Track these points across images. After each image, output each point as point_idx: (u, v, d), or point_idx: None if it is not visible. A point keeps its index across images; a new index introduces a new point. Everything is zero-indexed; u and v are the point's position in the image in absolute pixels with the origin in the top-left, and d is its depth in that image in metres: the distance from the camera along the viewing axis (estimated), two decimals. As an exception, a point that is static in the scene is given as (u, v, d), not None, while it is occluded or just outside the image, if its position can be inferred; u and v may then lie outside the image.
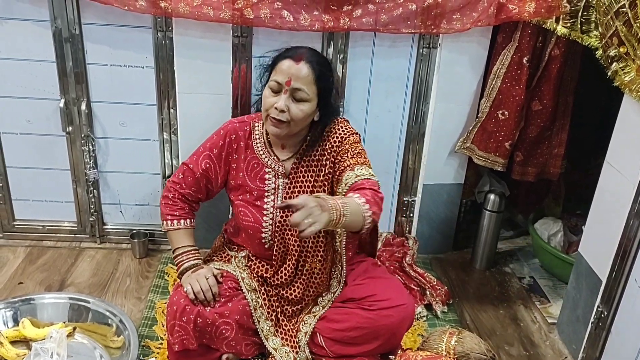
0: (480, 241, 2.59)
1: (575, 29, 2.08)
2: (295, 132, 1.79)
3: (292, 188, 1.87)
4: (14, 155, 2.43)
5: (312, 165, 1.85)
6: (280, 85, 1.72)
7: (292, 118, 1.72)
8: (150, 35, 2.22)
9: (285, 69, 1.72)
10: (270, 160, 1.87)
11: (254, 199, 1.87)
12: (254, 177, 1.88)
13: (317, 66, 1.73)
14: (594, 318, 1.94)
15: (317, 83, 1.73)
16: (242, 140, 1.88)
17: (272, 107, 1.72)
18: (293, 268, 1.89)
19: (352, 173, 1.73)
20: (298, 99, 1.72)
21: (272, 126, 1.75)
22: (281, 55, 1.77)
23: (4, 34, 2.20)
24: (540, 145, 2.44)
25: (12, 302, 2.04)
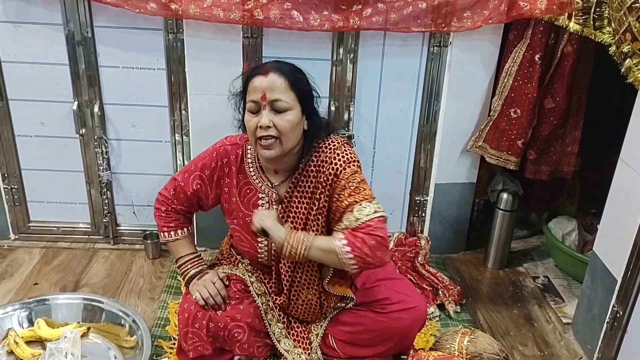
0: (494, 241, 2.57)
1: (588, 25, 2.05)
2: (288, 148, 1.67)
3: (285, 216, 1.77)
4: (29, 158, 2.46)
5: (307, 195, 1.74)
6: (257, 103, 1.63)
7: (280, 132, 1.62)
8: (162, 37, 2.23)
9: (257, 85, 1.63)
10: (264, 186, 1.78)
11: (248, 224, 1.75)
12: (247, 203, 1.80)
13: (287, 73, 1.65)
14: (610, 317, 1.92)
15: (292, 88, 1.64)
16: (233, 164, 1.80)
17: (257, 128, 1.63)
18: (288, 295, 1.84)
19: (351, 216, 1.63)
20: (279, 110, 1.62)
21: (264, 149, 1.65)
22: (249, 75, 1.68)
23: (18, 38, 2.23)
24: (553, 143, 2.42)
25: (27, 302, 2.07)
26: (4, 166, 2.45)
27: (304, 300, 1.84)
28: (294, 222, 1.77)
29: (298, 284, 1.82)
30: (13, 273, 2.37)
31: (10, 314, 2.02)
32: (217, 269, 1.93)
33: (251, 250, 1.83)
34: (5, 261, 2.45)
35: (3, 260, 2.45)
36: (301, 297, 1.84)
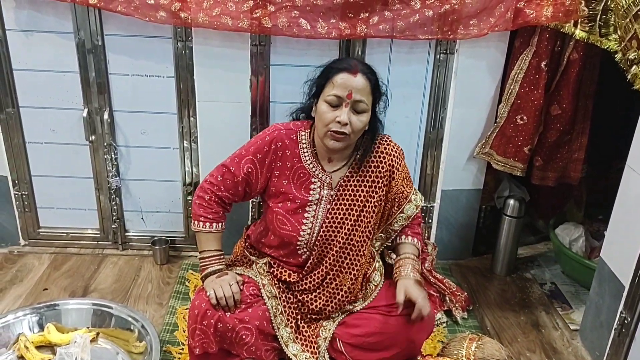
0: (501, 247, 2.57)
1: (594, 32, 2.06)
2: (352, 143, 1.81)
3: (338, 201, 1.85)
4: (39, 164, 2.48)
5: (366, 185, 1.86)
6: (340, 99, 1.71)
7: (353, 130, 1.73)
8: (171, 45, 2.26)
9: (344, 82, 1.71)
10: (317, 171, 1.85)
11: (296, 207, 1.85)
12: (299, 185, 1.85)
13: (371, 77, 1.76)
14: (617, 324, 1.92)
15: (373, 93, 1.76)
16: (288, 148, 1.84)
17: (333, 122, 1.71)
18: (321, 279, 1.89)
19: (412, 205, 1.92)
20: (359, 110, 1.73)
21: (333, 140, 1.74)
22: (335, 69, 1.75)
23: (29, 46, 2.26)
24: (559, 149, 2.42)
25: (38, 307, 2.08)
26: (14, 172, 2.47)
27: (337, 285, 1.88)
28: (348, 210, 1.86)
29: (339, 269, 1.87)
30: (23, 278, 2.39)
31: (20, 318, 2.03)
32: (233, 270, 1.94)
33: (293, 234, 1.85)
34: (15, 267, 2.47)
35: (13, 266, 2.48)
36: (335, 281, 1.88)
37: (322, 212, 1.86)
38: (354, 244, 1.86)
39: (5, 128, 2.39)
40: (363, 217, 1.86)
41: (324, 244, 1.86)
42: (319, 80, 1.79)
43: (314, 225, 1.86)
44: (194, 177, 2.48)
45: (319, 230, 1.86)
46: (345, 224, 1.85)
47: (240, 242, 2.10)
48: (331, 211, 1.85)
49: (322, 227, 1.85)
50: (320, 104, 1.76)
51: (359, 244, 1.87)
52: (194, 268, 2.49)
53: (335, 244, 1.86)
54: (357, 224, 1.85)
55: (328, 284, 1.89)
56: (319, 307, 1.91)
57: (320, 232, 1.85)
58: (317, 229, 1.86)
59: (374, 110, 1.82)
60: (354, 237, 1.86)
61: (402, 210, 1.91)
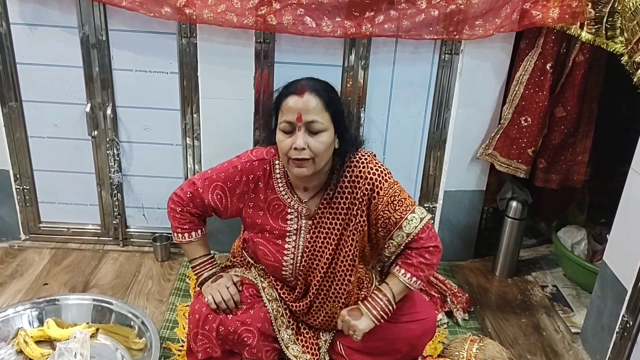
0: (502, 249, 2.57)
1: (600, 34, 2.06)
2: (320, 167, 1.66)
3: (316, 231, 1.77)
4: (41, 159, 2.48)
5: (342, 212, 1.74)
6: (292, 124, 1.60)
7: (314, 153, 1.61)
8: (175, 41, 2.25)
9: (292, 105, 1.59)
10: (293, 202, 1.76)
11: (275, 237, 1.79)
12: (275, 216, 1.78)
13: (322, 92, 1.62)
14: (619, 327, 1.91)
15: (327, 109, 1.62)
16: (261, 180, 1.76)
17: (290, 149, 1.60)
18: (309, 306, 1.85)
19: (402, 233, 1.71)
20: (314, 131, 1.60)
21: (297, 167, 1.63)
22: (282, 95, 1.64)
23: (33, 40, 2.26)
24: (563, 152, 2.42)
25: (38, 302, 2.08)
26: (16, 166, 2.47)
27: (327, 312, 1.84)
28: (326, 239, 1.76)
29: (324, 297, 1.82)
30: (23, 273, 2.38)
31: (20, 313, 2.03)
32: (230, 272, 1.93)
33: (275, 264, 1.81)
34: (15, 261, 2.47)
35: (13, 260, 2.47)
36: (325, 309, 1.84)
37: (302, 242, 1.79)
38: (336, 272, 1.78)
39: (8, 122, 2.39)
40: (342, 245, 1.75)
41: (307, 272, 1.81)
42: (273, 110, 1.69)
43: (295, 255, 1.80)
44: (196, 174, 2.46)
45: (301, 260, 1.80)
46: (325, 252, 1.77)
47: (238, 242, 2.06)
48: (310, 240, 1.77)
49: (304, 256, 1.79)
50: (277, 133, 1.65)
51: (343, 272, 1.77)
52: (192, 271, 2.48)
53: (317, 273, 1.79)
54: (337, 253, 1.76)
55: (318, 309, 1.85)
56: (316, 325, 1.90)
57: (302, 262, 1.80)
58: (299, 259, 1.80)
59: (341, 129, 1.67)
60: (336, 265, 1.77)
61: (391, 236, 1.74)
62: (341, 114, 1.67)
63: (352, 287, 1.80)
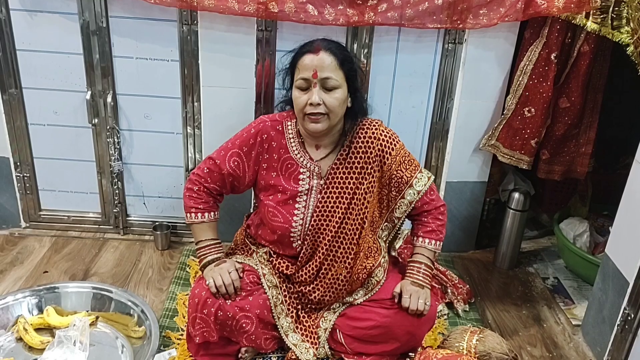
0: (504, 240, 2.56)
1: (606, 24, 2.03)
2: (334, 124, 1.76)
3: (328, 190, 1.83)
4: (42, 146, 2.47)
5: (355, 171, 1.82)
6: (307, 80, 1.71)
7: (329, 109, 1.71)
8: (176, 28, 2.23)
9: (308, 63, 1.71)
10: (306, 160, 1.83)
11: (286, 198, 1.83)
12: (288, 177, 1.84)
13: (337, 51, 1.73)
14: (620, 320, 1.90)
15: (342, 67, 1.73)
16: (274, 140, 1.84)
17: (306, 105, 1.71)
18: (316, 270, 1.87)
19: (413, 191, 1.86)
20: (329, 87, 1.71)
21: (312, 123, 1.73)
22: (298, 53, 1.75)
23: (33, 27, 2.24)
24: (567, 143, 2.40)
25: (37, 290, 2.08)
26: (16, 154, 2.46)
27: (333, 275, 1.86)
28: (338, 198, 1.82)
29: (332, 259, 1.85)
30: (23, 260, 2.38)
31: (20, 300, 2.03)
32: (232, 258, 1.94)
33: (285, 225, 1.84)
34: (15, 249, 2.47)
35: (14, 248, 2.47)
36: (331, 271, 1.86)
37: (312, 202, 1.84)
38: (346, 232, 1.84)
39: (8, 109, 2.38)
40: (354, 204, 1.82)
41: (316, 233, 1.84)
42: (289, 69, 1.79)
43: (305, 215, 1.84)
44: (197, 163, 2.46)
45: (310, 220, 1.84)
46: (336, 212, 1.83)
47: (241, 231, 2.09)
48: (321, 200, 1.83)
49: (313, 216, 1.83)
50: (293, 91, 1.76)
51: (352, 232, 1.84)
52: (194, 254, 2.45)
53: (327, 233, 1.83)
54: (348, 212, 1.83)
55: (324, 275, 1.87)
56: (317, 298, 1.90)
57: (312, 221, 1.83)
58: (309, 219, 1.84)
59: (354, 88, 1.78)
60: (346, 225, 1.83)
61: (402, 195, 1.87)
62: (354, 73, 1.78)
63: (359, 250, 1.84)
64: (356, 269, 1.87)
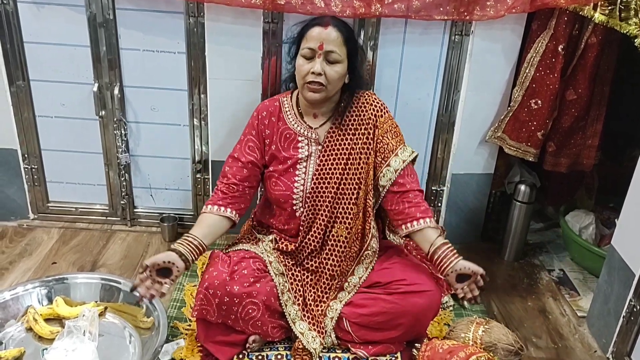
0: (510, 232, 2.56)
1: (614, 16, 2.02)
2: (331, 95, 1.86)
3: (326, 155, 1.92)
4: (49, 138, 2.48)
5: (349, 134, 1.92)
6: (313, 51, 1.79)
7: (328, 80, 1.80)
8: (182, 20, 2.23)
9: (316, 35, 1.80)
10: (303, 129, 1.92)
11: (287, 167, 1.92)
12: (287, 147, 1.93)
13: (343, 29, 1.83)
14: (626, 312, 1.91)
15: (346, 44, 1.82)
16: (272, 115, 1.94)
17: (308, 73, 1.80)
18: (320, 234, 1.93)
19: (398, 159, 1.91)
20: (332, 60, 1.80)
21: (311, 92, 1.82)
22: (308, 25, 1.84)
23: (40, 19, 2.25)
24: (573, 135, 2.39)
25: (47, 281, 2.10)
26: (24, 146, 2.47)
27: (334, 237, 1.93)
28: (335, 160, 1.92)
29: (334, 218, 1.93)
30: (32, 252, 2.40)
31: (30, 291, 2.05)
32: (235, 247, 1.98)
33: (287, 192, 1.92)
34: (24, 240, 2.49)
35: (22, 239, 2.49)
36: (332, 232, 1.93)
37: (312, 167, 1.92)
38: (344, 192, 1.92)
39: (16, 101, 2.39)
40: (350, 165, 1.91)
41: (316, 196, 1.92)
42: (296, 38, 1.88)
43: (305, 181, 1.92)
44: (203, 155, 2.47)
45: (310, 184, 1.92)
46: (334, 174, 1.91)
47: (248, 221, 2.13)
48: (320, 164, 1.92)
49: (313, 179, 1.91)
50: (297, 59, 1.85)
51: (350, 192, 1.92)
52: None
53: (327, 194, 1.92)
54: (345, 173, 1.91)
55: (327, 238, 1.93)
56: (322, 267, 1.94)
57: (312, 185, 1.91)
58: (309, 184, 1.92)
59: (353, 65, 1.87)
60: (344, 185, 1.92)
61: (388, 163, 1.91)
62: (355, 52, 1.88)
63: (357, 211, 1.91)
64: (355, 229, 1.92)
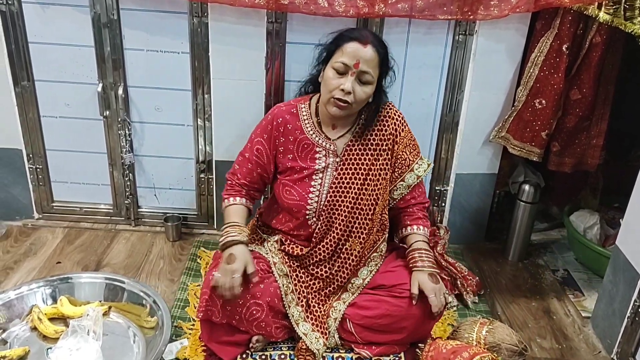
0: (514, 232, 2.55)
1: (618, 15, 2.01)
2: (354, 112, 1.83)
3: (344, 167, 1.88)
4: (54, 138, 2.49)
5: (370, 148, 1.88)
6: (347, 67, 1.73)
7: (356, 100, 1.75)
8: (186, 21, 2.23)
9: (353, 51, 1.73)
10: (321, 140, 1.88)
11: (303, 177, 1.88)
12: (304, 157, 1.88)
13: (381, 50, 1.77)
14: (631, 312, 1.90)
15: (380, 67, 1.77)
16: (289, 122, 1.88)
17: (337, 89, 1.74)
18: (333, 247, 1.90)
19: (413, 175, 1.93)
20: (364, 81, 1.75)
21: (335, 107, 1.77)
22: (346, 37, 1.77)
23: (45, 20, 2.25)
24: (578, 135, 2.38)
25: (51, 280, 2.10)
26: (29, 146, 2.48)
27: (347, 250, 1.91)
28: (354, 174, 1.88)
29: (349, 233, 1.90)
30: (37, 251, 2.41)
31: (34, 290, 2.05)
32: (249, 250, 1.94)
33: (300, 203, 1.88)
34: (29, 239, 2.50)
35: (27, 239, 2.50)
36: (346, 247, 1.90)
37: (328, 179, 1.88)
38: (361, 207, 1.88)
39: (21, 102, 2.40)
40: (369, 180, 1.88)
41: (332, 209, 1.88)
42: (330, 46, 1.81)
43: (321, 192, 1.88)
44: (207, 155, 2.47)
45: (326, 197, 1.88)
46: (352, 188, 1.87)
47: (252, 221, 2.12)
48: (337, 177, 1.87)
49: (329, 192, 1.87)
50: (327, 69, 1.78)
51: (367, 207, 1.89)
52: (205, 245, 2.50)
53: (343, 209, 1.87)
54: (363, 188, 1.88)
55: (339, 251, 1.91)
56: (330, 276, 1.93)
57: (328, 198, 1.87)
58: (325, 196, 1.88)
59: (380, 84, 1.83)
60: (361, 201, 1.88)
61: (402, 178, 1.92)
62: (386, 74, 1.85)
63: (372, 226, 1.89)
64: (368, 243, 1.91)
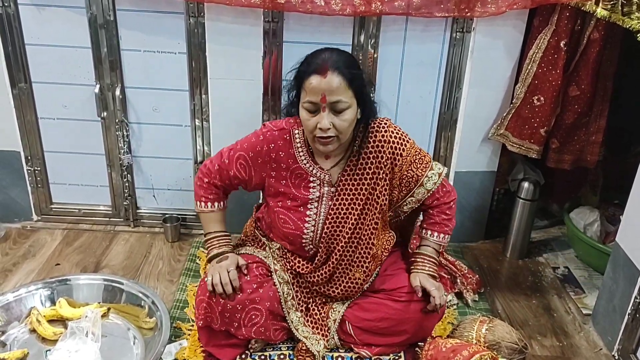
0: (514, 230, 2.55)
1: (616, 11, 2.01)
2: (344, 141, 1.71)
3: (340, 197, 1.80)
4: (52, 140, 2.49)
5: (366, 177, 1.78)
6: (315, 104, 1.63)
7: (339, 131, 1.65)
8: (183, 21, 2.23)
9: (315, 86, 1.60)
10: (314, 170, 1.79)
11: (297, 205, 1.81)
12: (297, 185, 1.80)
13: (345, 70, 1.62)
14: (631, 309, 1.89)
15: (351, 87, 1.63)
16: (282, 149, 1.78)
17: (315, 129, 1.65)
18: (331, 273, 1.86)
19: (422, 189, 1.83)
20: (339, 110, 1.63)
21: (322, 145, 1.68)
22: (303, 73, 1.65)
23: (41, 21, 2.25)
24: (577, 132, 2.38)
25: (50, 282, 2.10)
26: (27, 148, 2.48)
27: (349, 279, 1.86)
28: (351, 204, 1.80)
29: (348, 263, 1.84)
30: (35, 253, 2.41)
31: (33, 292, 2.05)
32: (240, 250, 1.95)
33: (296, 232, 1.82)
34: (27, 242, 2.49)
35: (26, 241, 2.50)
36: (348, 275, 1.86)
37: (324, 209, 1.81)
38: (360, 237, 1.82)
39: (18, 104, 2.39)
40: (367, 209, 1.80)
41: (329, 240, 1.83)
42: (293, 87, 1.72)
43: (317, 222, 1.82)
44: (206, 155, 2.46)
45: (322, 227, 1.81)
46: (349, 218, 1.80)
47: (251, 222, 2.09)
48: (333, 207, 1.80)
49: (326, 223, 1.81)
50: (300, 110, 1.68)
51: (367, 236, 1.82)
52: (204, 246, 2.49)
53: (340, 239, 1.81)
54: (361, 218, 1.80)
55: (340, 277, 1.87)
56: (332, 295, 1.91)
57: (325, 229, 1.81)
58: (321, 226, 1.82)
59: (363, 101, 1.70)
60: (360, 230, 1.81)
61: (412, 194, 1.85)
62: (363, 88, 1.69)
63: (376, 250, 1.84)
64: (374, 266, 1.87)
